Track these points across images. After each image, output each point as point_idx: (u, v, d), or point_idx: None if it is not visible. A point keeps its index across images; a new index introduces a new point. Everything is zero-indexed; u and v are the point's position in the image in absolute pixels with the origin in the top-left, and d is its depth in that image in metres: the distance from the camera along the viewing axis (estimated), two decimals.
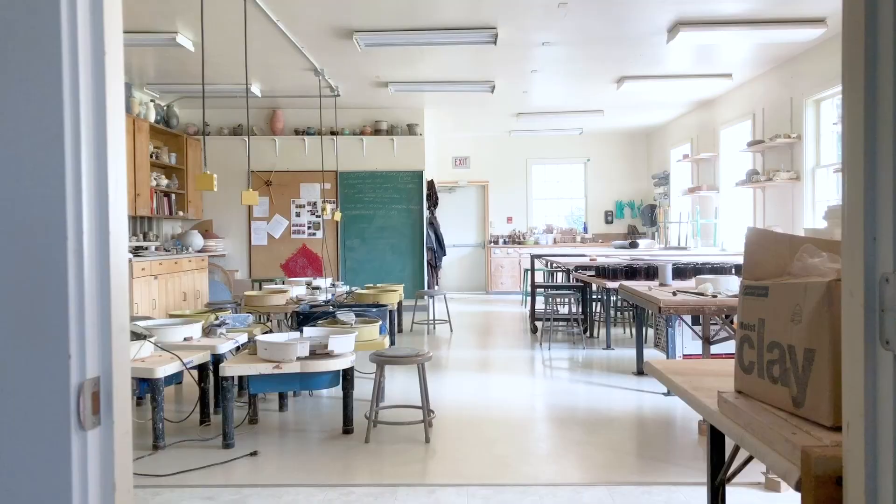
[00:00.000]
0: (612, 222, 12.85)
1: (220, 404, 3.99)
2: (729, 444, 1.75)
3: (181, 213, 9.23)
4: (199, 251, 9.18)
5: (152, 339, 3.95)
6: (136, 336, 3.96)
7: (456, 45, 6.51)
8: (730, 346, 4.88)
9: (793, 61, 7.22)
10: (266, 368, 3.71)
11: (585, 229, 12.83)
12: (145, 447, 3.73)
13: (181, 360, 3.84)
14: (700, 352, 5.10)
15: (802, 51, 6.96)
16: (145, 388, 3.71)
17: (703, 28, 6.03)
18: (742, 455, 1.70)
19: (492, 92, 8.48)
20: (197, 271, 8.82)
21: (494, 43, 6.32)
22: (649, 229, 12.27)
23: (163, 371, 3.69)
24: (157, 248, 8.69)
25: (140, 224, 8.75)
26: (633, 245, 9.68)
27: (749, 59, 7.35)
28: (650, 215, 12.14)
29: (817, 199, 6.93)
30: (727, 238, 9.10)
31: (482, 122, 11.10)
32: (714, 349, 4.27)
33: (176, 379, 3.99)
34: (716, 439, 1.69)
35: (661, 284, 3.84)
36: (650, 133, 12.45)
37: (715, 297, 3.11)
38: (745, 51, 7.01)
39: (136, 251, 7.95)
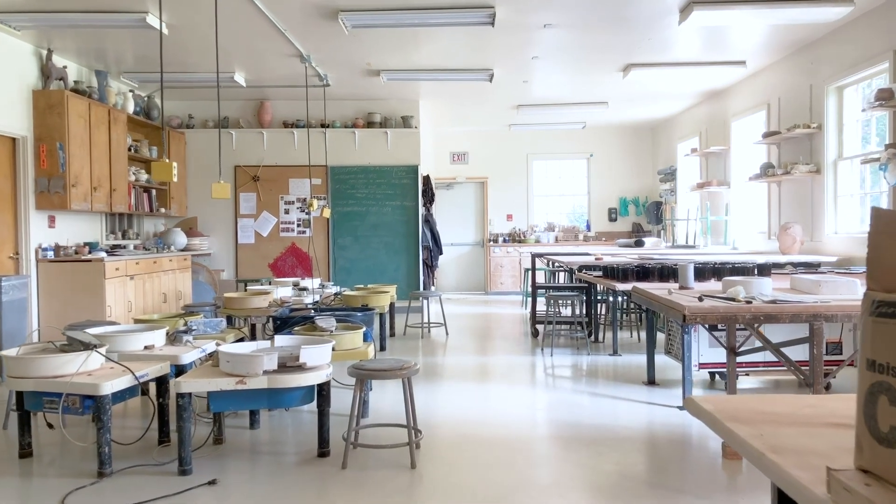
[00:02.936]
0: (615, 220, 12.37)
1: None
2: None
3: (163, 210, 8.75)
4: (182, 250, 8.71)
5: (101, 350, 3.47)
6: (84, 346, 3.49)
7: (451, 27, 6.02)
8: (754, 356, 4.39)
9: (813, 45, 6.73)
10: (228, 383, 3.23)
11: (588, 227, 12.35)
12: (89, 474, 3.25)
13: (133, 374, 3.37)
14: (719, 360, 4.63)
15: (824, 33, 6.47)
16: (90, 405, 3.23)
17: (718, 6, 5.54)
18: None
19: (490, 81, 7.99)
20: (179, 271, 8.34)
21: (492, 24, 5.83)
22: (654, 227, 11.79)
23: (110, 387, 3.21)
24: (136, 247, 8.22)
25: (119, 221, 8.27)
26: (639, 243, 9.20)
27: (764, 45, 6.86)
28: (656, 212, 11.65)
29: (840, 192, 6.44)
30: (739, 235, 8.62)
31: (481, 115, 10.61)
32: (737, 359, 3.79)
33: (132, 393, 3.51)
34: None
35: (682, 287, 3.37)
36: (656, 127, 11.96)
37: (749, 302, 2.64)
38: (760, 35, 6.52)
39: (111, 250, 7.48)
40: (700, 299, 2.73)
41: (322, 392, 3.42)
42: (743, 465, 3.32)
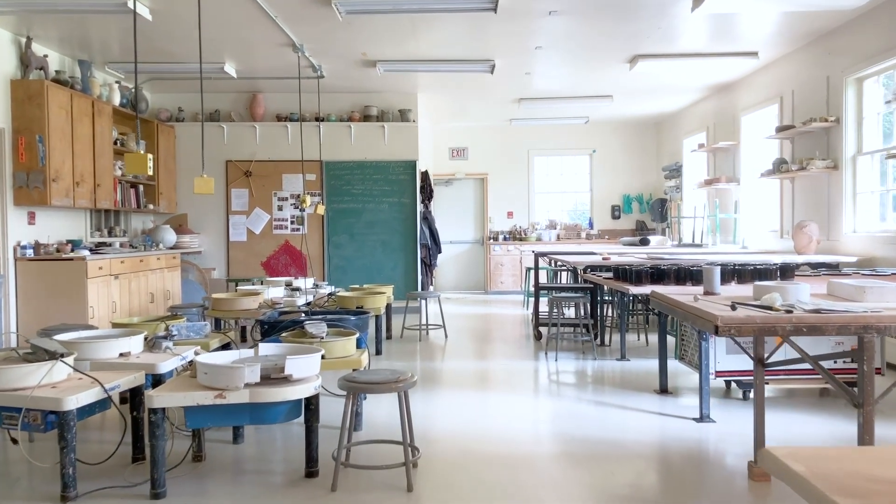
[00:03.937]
0: (619, 217, 12.07)
1: None
2: None
3: (151, 207, 8.43)
4: (171, 248, 8.39)
5: (68, 359, 3.16)
6: (49, 354, 3.17)
7: (450, 13, 5.71)
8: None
9: (830, 35, 6.43)
10: (205, 398, 2.92)
11: (591, 225, 12.04)
12: (52, 498, 2.94)
13: (102, 386, 3.06)
14: (737, 368, 4.33)
15: (842, 22, 6.16)
16: (52, 422, 2.92)
17: None
18: None
19: (491, 72, 7.68)
20: (168, 270, 8.03)
21: (494, 10, 5.52)
22: (659, 225, 11.48)
23: (74, 401, 2.90)
24: (122, 245, 7.90)
25: (105, 218, 7.95)
26: (644, 242, 8.89)
27: (778, 34, 6.56)
28: (660, 210, 11.34)
29: (859, 189, 6.14)
30: (749, 234, 8.31)
31: (481, 109, 10.29)
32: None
33: (101, 406, 3.21)
34: None
35: (707, 293, 3.07)
36: (660, 122, 11.65)
37: (789, 311, 2.34)
38: (774, 24, 6.22)
39: (96, 248, 7.16)
40: (733, 307, 2.43)
41: (310, 406, 3.11)
42: (772, 487, 3.02)
